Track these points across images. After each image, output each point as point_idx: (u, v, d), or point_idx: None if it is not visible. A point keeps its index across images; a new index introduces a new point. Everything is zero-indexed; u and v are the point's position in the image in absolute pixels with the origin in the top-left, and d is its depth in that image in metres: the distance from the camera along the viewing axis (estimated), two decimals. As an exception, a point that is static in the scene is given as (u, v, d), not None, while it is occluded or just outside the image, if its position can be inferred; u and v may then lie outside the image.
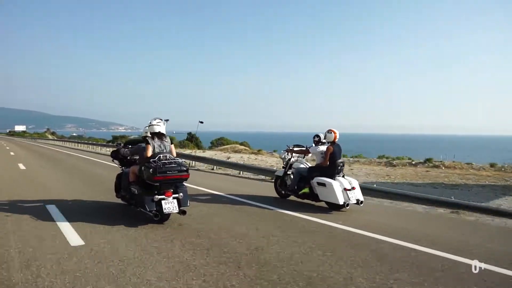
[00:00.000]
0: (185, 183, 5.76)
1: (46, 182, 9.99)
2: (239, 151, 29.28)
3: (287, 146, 8.42)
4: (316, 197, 7.14)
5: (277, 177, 8.44)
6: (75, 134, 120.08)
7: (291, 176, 7.90)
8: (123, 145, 6.85)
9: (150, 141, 5.69)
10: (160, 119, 5.96)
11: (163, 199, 5.37)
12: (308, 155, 8.11)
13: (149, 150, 5.60)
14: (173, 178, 5.41)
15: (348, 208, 6.87)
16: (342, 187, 6.88)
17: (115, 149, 6.89)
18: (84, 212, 6.18)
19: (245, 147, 34.14)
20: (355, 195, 6.99)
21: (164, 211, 5.32)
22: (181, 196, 5.52)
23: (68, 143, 42.49)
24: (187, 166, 5.70)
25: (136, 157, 6.42)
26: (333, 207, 6.96)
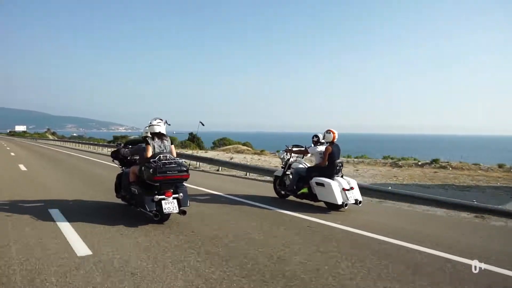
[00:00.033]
0: (189, 183, 5.68)
1: (47, 184, 9.86)
2: (241, 152, 28.95)
3: (286, 146, 8.45)
4: (315, 197, 7.17)
5: (276, 177, 8.47)
6: (75, 135, 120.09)
7: (290, 176, 7.94)
8: (123, 145, 6.88)
9: (150, 141, 5.71)
10: (160, 119, 5.97)
11: (163, 199, 5.39)
12: (307, 155, 8.11)
13: (149, 150, 5.63)
14: (173, 178, 5.43)
15: (346, 208, 6.89)
16: (341, 187, 6.91)
17: (115, 149, 6.92)
18: (88, 216, 5.97)
19: (247, 148, 33.78)
20: (354, 195, 7.02)
21: (164, 211, 5.33)
22: (181, 196, 5.54)
23: (69, 143, 42.50)
24: (187, 166, 5.69)
25: (136, 157, 6.43)
26: (331, 207, 6.99)
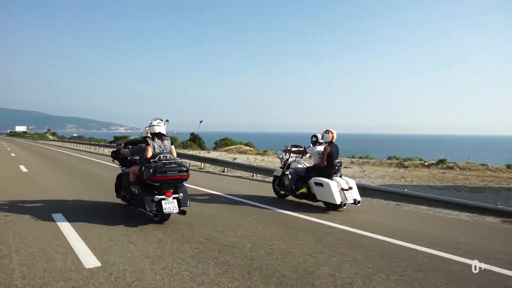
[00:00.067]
0: (197, 186, 5.61)
1: (49, 185, 9.60)
2: (244, 152, 28.54)
3: (285, 146, 8.48)
4: (314, 197, 7.19)
5: (275, 177, 8.49)
6: (75, 135, 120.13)
7: (289, 176, 7.96)
8: (123, 146, 6.91)
9: (150, 141, 5.72)
10: (160, 119, 5.99)
11: (163, 199, 5.39)
12: (306, 155, 8.16)
13: (149, 151, 5.64)
14: (173, 178, 5.44)
15: (345, 208, 6.91)
16: (340, 187, 6.93)
17: (115, 149, 6.95)
18: (92, 220, 5.68)
19: (250, 148, 33.24)
20: (352, 195, 7.04)
21: (164, 211, 5.34)
22: (181, 196, 5.54)
23: (69, 143, 42.44)
24: (187, 166, 5.70)
25: (136, 158, 6.44)
26: (330, 207, 7.02)
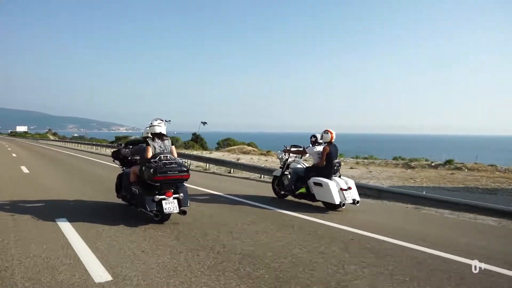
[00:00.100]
0: (199, 187, 5.53)
1: (52, 188, 9.19)
2: (247, 152, 27.92)
3: (284, 146, 8.52)
4: (313, 197, 7.23)
5: (274, 177, 8.53)
6: (76, 135, 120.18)
7: (288, 176, 7.99)
8: (123, 146, 6.95)
9: (151, 142, 5.75)
10: (161, 119, 6.01)
11: (164, 199, 5.41)
12: (305, 155, 8.20)
13: (149, 151, 5.67)
14: (173, 178, 5.46)
15: (344, 207, 6.94)
16: (339, 187, 6.96)
17: (115, 149, 6.99)
18: (101, 227, 5.36)
19: (253, 148, 32.49)
20: (351, 195, 7.06)
21: (164, 211, 5.37)
22: (182, 196, 5.57)
23: (70, 143, 42.29)
24: (188, 166, 5.72)
25: (137, 158, 6.45)
26: (329, 207, 7.05)
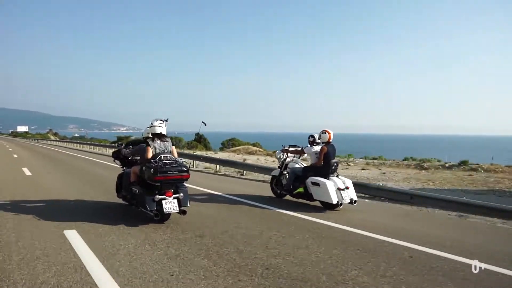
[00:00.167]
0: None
1: (57, 193, 8.50)
2: (253, 153, 27.39)
3: (282, 146, 8.57)
4: (311, 196, 7.28)
5: (273, 177, 8.59)
6: (77, 135, 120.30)
7: (286, 176, 8.05)
8: (124, 146, 7.01)
9: (151, 142, 5.81)
10: (161, 120, 6.07)
11: (164, 199, 5.45)
12: (303, 155, 8.26)
13: (150, 152, 5.72)
14: (173, 178, 5.49)
15: (341, 207, 6.99)
16: (336, 186, 7.01)
17: (116, 149, 7.04)
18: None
19: (258, 148, 32.08)
20: (349, 194, 7.10)
21: (164, 211, 5.40)
22: (182, 196, 5.61)
23: (71, 144, 41.99)
24: (188, 166, 5.76)
25: (137, 158, 6.47)
26: (327, 207, 7.10)
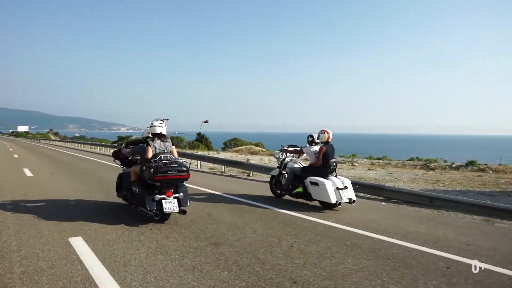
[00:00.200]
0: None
1: (59, 194, 8.14)
2: (256, 153, 26.80)
3: (281, 146, 8.61)
4: (310, 196, 7.31)
5: (272, 177, 8.61)
6: (77, 135, 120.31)
7: (285, 176, 8.06)
8: (124, 146, 7.03)
9: (151, 142, 5.84)
10: (161, 120, 6.11)
11: (164, 198, 5.48)
12: (302, 155, 8.28)
13: (150, 152, 5.74)
14: (173, 178, 5.51)
15: (340, 207, 7.01)
16: (335, 186, 7.04)
17: (116, 149, 7.07)
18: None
19: (261, 148, 31.46)
20: (348, 194, 7.15)
21: (164, 210, 5.43)
22: (182, 196, 5.64)
23: (72, 144, 41.71)
24: (188, 166, 5.79)
25: (137, 157, 6.50)
26: (326, 206, 7.13)
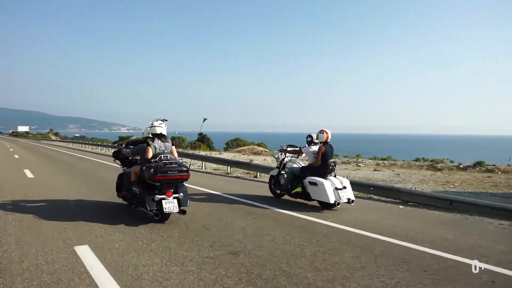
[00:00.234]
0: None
1: (62, 197, 7.86)
2: (259, 153, 26.43)
3: (280, 146, 8.63)
4: (308, 196, 7.33)
5: (271, 177, 8.63)
6: (78, 135, 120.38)
7: (284, 176, 8.08)
8: (124, 146, 7.06)
9: (151, 142, 5.86)
10: (161, 120, 6.14)
11: (164, 198, 5.50)
12: (301, 155, 8.30)
13: (150, 152, 5.76)
14: (173, 178, 5.53)
15: (339, 207, 7.03)
16: (334, 186, 7.07)
17: (116, 149, 7.09)
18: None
19: (263, 149, 31.06)
20: (346, 194, 7.17)
21: (164, 210, 5.45)
22: (181, 196, 5.66)
23: (73, 144, 41.56)
24: (188, 166, 5.81)
25: (137, 158, 6.51)
26: (324, 206, 7.15)
